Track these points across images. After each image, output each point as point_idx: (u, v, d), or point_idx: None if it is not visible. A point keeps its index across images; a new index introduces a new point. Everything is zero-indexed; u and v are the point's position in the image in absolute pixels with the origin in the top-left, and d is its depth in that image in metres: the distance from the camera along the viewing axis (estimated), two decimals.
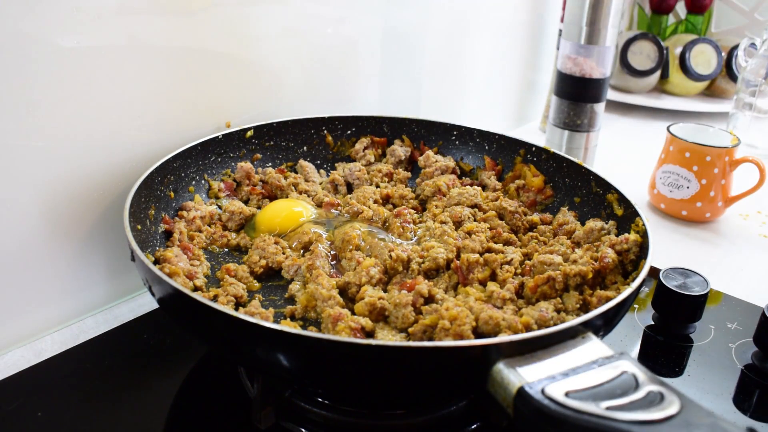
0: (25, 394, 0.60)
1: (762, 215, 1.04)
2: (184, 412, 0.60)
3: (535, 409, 0.40)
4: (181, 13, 0.71)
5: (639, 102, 1.48)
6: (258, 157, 0.84)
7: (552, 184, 0.80)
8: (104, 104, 0.67)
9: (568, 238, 0.71)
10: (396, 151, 0.88)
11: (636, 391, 0.40)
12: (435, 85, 1.12)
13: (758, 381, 0.67)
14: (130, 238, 0.56)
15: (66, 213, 0.67)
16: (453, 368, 0.45)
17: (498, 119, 1.33)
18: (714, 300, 0.79)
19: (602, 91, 1.02)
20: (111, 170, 0.70)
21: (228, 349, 0.55)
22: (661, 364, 0.69)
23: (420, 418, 0.57)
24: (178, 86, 0.74)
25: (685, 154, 0.96)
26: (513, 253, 0.66)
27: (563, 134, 1.05)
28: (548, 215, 0.77)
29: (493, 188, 0.83)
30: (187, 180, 0.75)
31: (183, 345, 0.67)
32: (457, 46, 1.14)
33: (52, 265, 0.68)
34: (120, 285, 0.75)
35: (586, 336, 0.47)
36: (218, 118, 0.81)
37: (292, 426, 0.57)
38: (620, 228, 0.69)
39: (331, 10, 0.90)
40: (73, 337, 0.68)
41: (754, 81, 1.25)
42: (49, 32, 0.60)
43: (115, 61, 0.67)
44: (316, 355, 0.46)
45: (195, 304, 0.48)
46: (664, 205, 1.00)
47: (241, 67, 0.81)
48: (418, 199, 0.82)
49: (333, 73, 0.94)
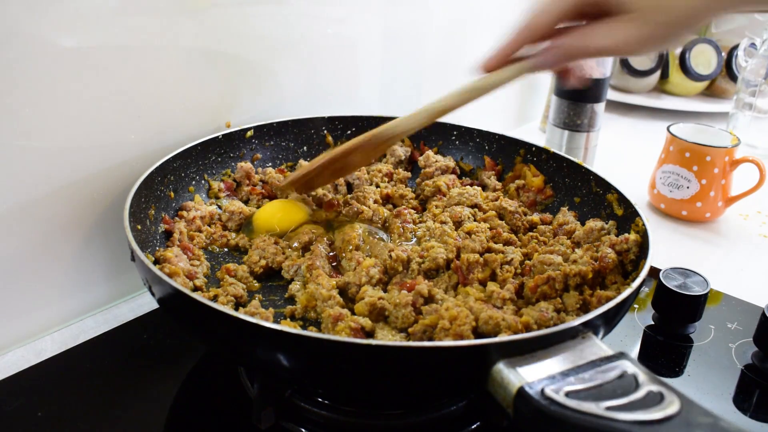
0: (25, 394, 0.60)
1: (762, 215, 1.04)
2: (184, 412, 0.60)
3: (535, 409, 0.40)
4: (181, 13, 0.71)
5: (639, 102, 1.48)
6: (258, 157, 0.84)
7: (552, 184, 0.80)
8: (104, 104, 0.67)
9: (568, 238, 0.71)
10: (396, 150, 0.89)
11: (636, 392, 0.40)
12: (435, 85, 1.12)
13: (758, 381, 0.67)
14: (130, 238, 0.56)
15: (66, 213, 0.67)
16: (453, 368, 0.45)
17: (498, 119, 1.33)
18: (714, 300, 0.79)
19: (602, 91, 1.02)
20: (111, 170, 0.70)
21: (228, 349, 0.55)
22: (661, 364, 0.69)
23: (420, 418, 0.57)
24: (178, 86, 0.74)
25: (685, 154, 0.96)
26: (513, 253, 0.66)
27: (563, 134, 1.05)
28: (548, 215, 0.77)
29: (493, 188, 0.83)
30: (187, 180, 0.75)
31: (183, 345, 0.67)
32: (457, 46, 1.14)
33: (52, 265, 0.68)
34: (120, 285, 0.75)
35: (586, 336, 0.47)
36: (218, 118, 0.81)
37: (292, 426, 0.57)
38: (620, 228, 0.69)
39: (331, 10, 0.90)
40: (73, 337, 0.68)
41: (754, 81, 1.25)
42: (49, 32, 0.60)
43: (115, 61, 0.67)
44: (316, 355, 0.46)
45: (195, 304, 0.48)
46: (664, 205, 1.00)
47: (241, 67, 0.81)
48: (419, 198, 0.82)
49: (333, 73, 0.94)
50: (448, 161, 0.87)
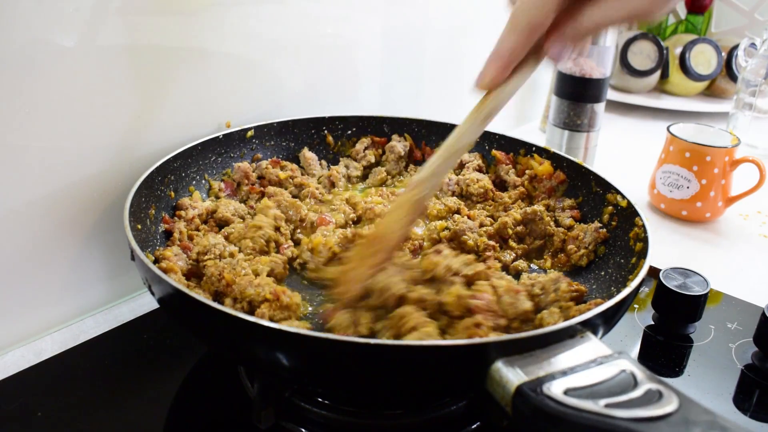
0: (25, 394, 0.60)
1: (762, 215, 1.03)
2: (184, 412, 0.60)
3: (533, 407, 0.40)
4: (181, 13, 0.72)
5: (639, 102, 1.48)
6: (258, 156, 0.84)
7: (560, 169, 0.81)
8: (104, 104, 0.67)
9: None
10: (395, 147, 0.88)
11: (634, 389, 0.40)
12: (435, 85, 1.12)
13: (758, 381, 0.67)
14: (130, 237, 0.56)
15: (66, 213, 0.67)
16: (452, 367, 0.45)
17: (498, 119, 1.32)
18: (714, 300, 0.79)
19: (602, 91, 1.02)
20: (111, 170, 0.70)
21: (228, 348, 0.55)
22: (661, 364, 0.69)
23: (420, 418, 0.57)
24: (178, 86, 0.74)
25: (685, 154, 0.96)
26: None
27: (563, 134, 1.05)
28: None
29: (513, 184, 0.83)
30: (187, 180, 0.75)
31: (183, 345, 0.67)
32: (457, 46, 1.14)
33: (52, 265, 0.68)
34: (120, 285, 0.75)
35: (584, 335, 0.47)
36: (218, 118, 0.81)
37: (292, 426, 0.57)
38: (621, 228, 0.69)
39: (331, 10, 0.90)
40: (73, 337, 0.69)
41: (754, 81, 1.25)
42: (49, 32, 0.60)
43: (115, 61, 0.67)
44: (316, 355, 0.46)
45: (195, 304, 0.48)
46: (664, 205, 1.00)
47: (241, 67, 0.81)
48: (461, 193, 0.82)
49: (333, 73, 0.94)
50: (476, 158, 0.87)
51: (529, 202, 0.80)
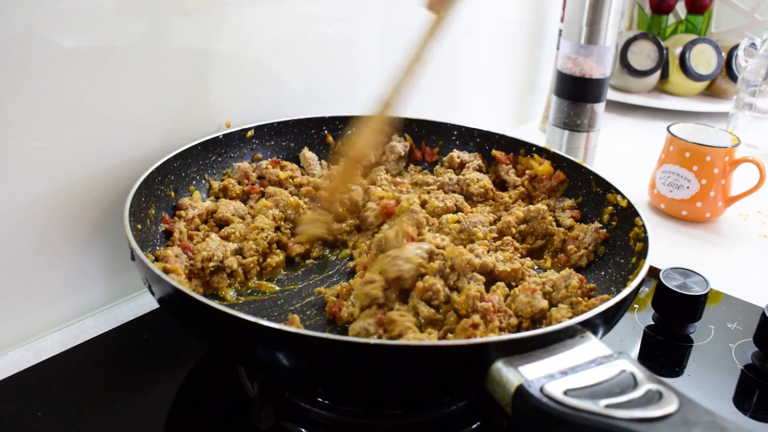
0: (25, 394, 0.60)
1: (762, 215, 1.03)
2: (184, 412, 0.60)
3: (533, 407, 0.40)
4: (181, 13, 0.72)
5: (639, 102, 1.48)
6: (258, 156, 0.84)
7: (560, 169, 0.81)
8: (104, 104, 0.67)
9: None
10: (395, 147, 0.88)
11: (634, 390, 0.40)
12: (435, 85, 1.12)
13: (758, 381, 0.67)
14: (130, 237, 0.56)
15: (66, 213, 0.67)
16: (452, 367, 0.45)
17: (498, 119, 1.33)
18: (714, 300, 0.79)
19: (602, 91, 1.02)
20: (111, 170, 0.70)
21: (228, 348, 0.55)
22: (661, 364, 0.69)
23: (420, 417, 0.57)
24: (178, 86, 0.74)
25: (685, 154, 0.96)
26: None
27: (563, 134, 1.05)
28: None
29: (513, 184, 0.83)
30: (187, 180, 0.75)
31: (183, 345, 0.67)
32: (457, 46, 1.14)
33: (52, 265, 0.68)
34: (120, 285, 0.75)
35: (584, 335, 0.47)
36: (218, 118, 0.81)
37: (292, 426, 0.57)
38: (621, 227, 0.69)
39: (331, 10, 0.90)
40: (73, 337, 0.69)
41: (754, 81, 1.25)
42: (49, 32, 0.60)
43: (115, 61, 0.67)
44: (316, 355, 0.46)
45: (195, 304, 0.48)
46: (664, 205, 1.00)
47: (241, 67, 0.81)
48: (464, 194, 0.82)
49: (333, 73, 0.94)
50: (476, 159, 0.87)
51: (529, 202, 0.81)
